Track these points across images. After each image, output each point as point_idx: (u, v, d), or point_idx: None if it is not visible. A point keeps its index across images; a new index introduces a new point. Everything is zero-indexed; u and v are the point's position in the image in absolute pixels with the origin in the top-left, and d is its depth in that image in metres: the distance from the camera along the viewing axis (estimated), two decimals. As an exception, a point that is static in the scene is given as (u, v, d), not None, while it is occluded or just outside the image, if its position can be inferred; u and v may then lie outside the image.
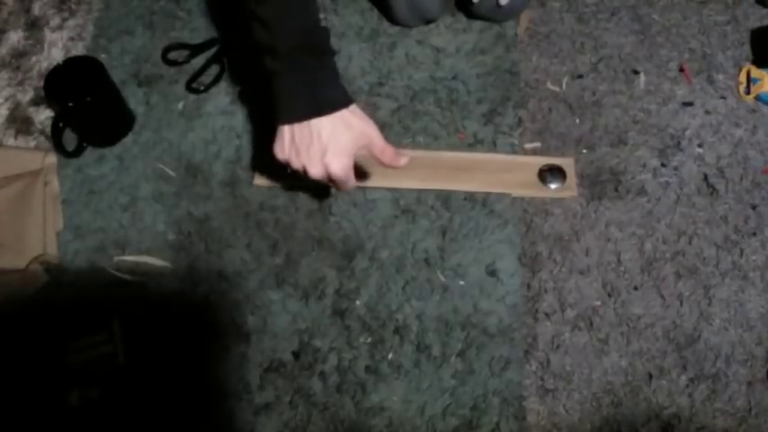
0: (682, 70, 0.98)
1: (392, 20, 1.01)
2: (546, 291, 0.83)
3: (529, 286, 0.83)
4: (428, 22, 1.01)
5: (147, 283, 0.83)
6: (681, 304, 0.82)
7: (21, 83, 0.99)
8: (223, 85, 0.98)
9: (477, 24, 1.02)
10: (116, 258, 0.85)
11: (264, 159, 0.91)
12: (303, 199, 0.89)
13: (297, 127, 0.71)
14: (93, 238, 0.87)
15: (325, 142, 0.70)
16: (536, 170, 0.90)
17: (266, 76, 0.71)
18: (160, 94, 0.98)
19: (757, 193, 0.89)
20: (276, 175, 0.89)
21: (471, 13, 1.01)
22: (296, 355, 0.80)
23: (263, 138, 0.94)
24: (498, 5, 0.95)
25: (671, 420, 0.77)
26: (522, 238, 0.86)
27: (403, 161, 0.74)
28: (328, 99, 0.70)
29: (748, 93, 0.95)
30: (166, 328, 0.81)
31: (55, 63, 0.94)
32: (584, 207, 0.88)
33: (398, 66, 0.99)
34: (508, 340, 0.80)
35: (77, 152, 0.92)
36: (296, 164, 0.72)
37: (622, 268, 0.84)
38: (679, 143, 0.92)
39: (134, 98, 0.97)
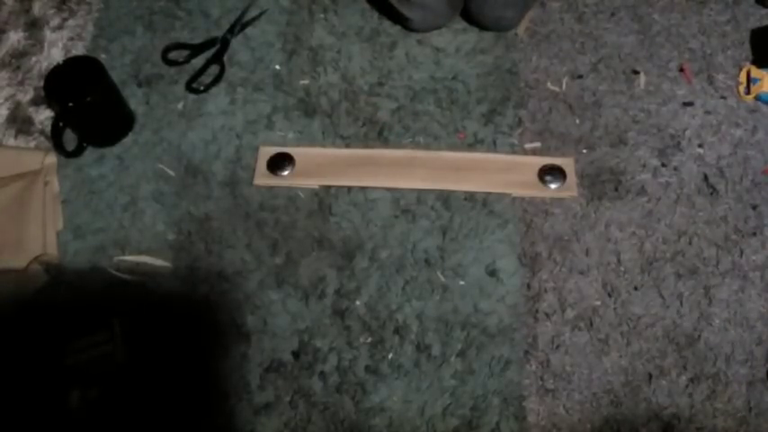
0: (682, 70, 0.98)
1: (405, 27, 1.01)
2: (546, 291, 0.83)
3: (529, 286, 0.83)
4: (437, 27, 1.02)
5: (146, 282, 0.83)
6: (681, 304, 0.82)
7: (21, 83, 0.99)
8: (223, 85, 0.98)
9: (477, 24, 1.02)
10: (116, 258, 0.85)
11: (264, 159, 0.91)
12: (303, 199, 0.89)
13: None
14: (93, 238, 0.87)
15: None
16: (536, 170, 0.90)
17: None
18: (160, 94, 0.98)
19: (757, 193, 0.89)
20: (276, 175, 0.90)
21: (472, 21, 1.01)
22: (296, 355, 0.80)
23: (263, 137, 0.94)
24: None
25: (671, 420, 0.77)
26: (522, 238, 0.86)
27: None
28: None
29: (748, 93, 0.95)
30: (166, 327, 0.81)
31: (55, 63, 0.94)
32: (584, 207, 0.88)
33: (398, 66, 0.99)
34: (508, 340, 0.80)
35: (77, 152, 0.92)
36: None
37: (622, 268, 0.84)
38: (679, 143, 0.92)
39: (134, 98, 0.97)
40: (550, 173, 0.89)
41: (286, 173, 0.90)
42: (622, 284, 0.83)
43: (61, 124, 0.88)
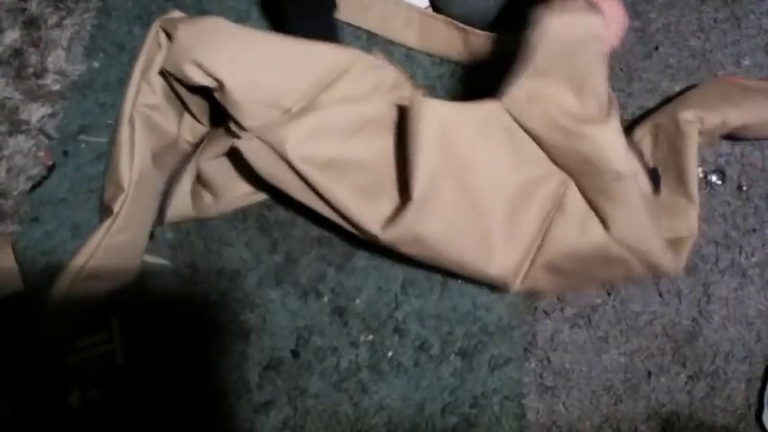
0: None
1: None
2: (545, 288, 0.83)
3: (528, 284, 0.83)
4: None
5: (146, 282, 0.83)
6: (680, 301, 0.82)
7: (18, 81, 0.99)
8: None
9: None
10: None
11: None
12: (302, 197, 0.89)
13: None
14: (92, 237, 0.87)
15: None
16: None
17: None
18: (158, 93, 0.97)
19: (756, 190, 0.89)
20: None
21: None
22: (295, 353, 0.80)
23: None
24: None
25: (670, 418, 0.77)
26: (521, 236, 0.86)
27: None
28: None
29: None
30: (166, 326, 0.81)
31: (54, 62, 0.94)
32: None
33: (398, 63, 0.99)
34: (507, 338, 0.80)
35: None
36: None
37: (621, 266, 0.84)
38: (678, 140, 0.92)
39: (132, 97, 0.97)
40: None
41: None
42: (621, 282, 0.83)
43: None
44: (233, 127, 0.72)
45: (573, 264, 0.74)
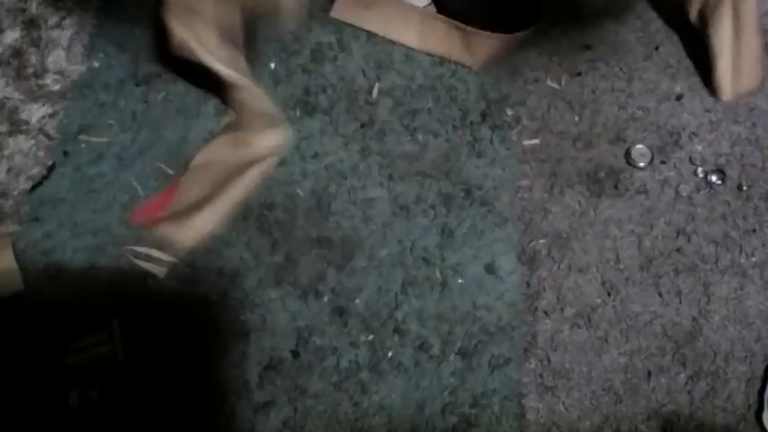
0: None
1: None
2: (545, 288, 0.83)
3: (528, 284, 0.83)
4: None
5: (146, 282, 0.83)
6: (680, 302, 0.82)
7: (18, 81, 0.99)
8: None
9: (476, 22, 1.02)
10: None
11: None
12: (302, 197, 0.89)
13: None
14: (93, 238, 0.87)
15: None
16: None
17: None
18: (158, 93, 0.97)
19: (756, 190, 0.89)
20: None
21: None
22: (295, 353, 0.80)
23: (262, 136, 0.93)
24: None
25: (670, 417, 0.77)
26: (521, 236, 0.86)
27: None
28: None
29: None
30: (166, 326, 0.81)
31: (54, 62, 0.94)
32: (582, 205, 0.88)
33: (398, 63, 0.99)
34: (507, 338, 0.80)
35: None
36: None
37: (621, 266, 0.84)
38: (678, 141, 0.92)
39: (132, 97, 0.97)
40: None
41: None
42: (621, 282, 0.83)
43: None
44: None
45: None
